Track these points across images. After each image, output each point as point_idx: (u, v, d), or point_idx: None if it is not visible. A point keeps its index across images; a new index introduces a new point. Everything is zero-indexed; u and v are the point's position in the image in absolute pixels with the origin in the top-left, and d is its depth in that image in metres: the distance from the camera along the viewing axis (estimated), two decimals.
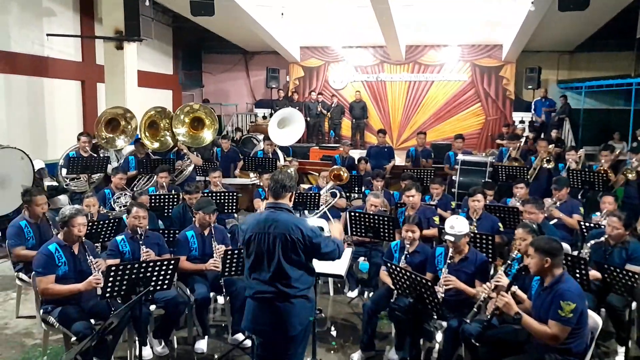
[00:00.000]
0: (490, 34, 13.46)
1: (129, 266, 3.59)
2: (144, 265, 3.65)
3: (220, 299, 5.44)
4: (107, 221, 5.01)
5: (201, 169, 8.48)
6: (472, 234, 4.55)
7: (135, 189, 7.19)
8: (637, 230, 4.88)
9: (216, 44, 15.95)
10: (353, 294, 5.78)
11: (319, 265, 3.55)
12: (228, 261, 4.36)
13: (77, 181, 7.27)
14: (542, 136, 12.12)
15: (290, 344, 3.12)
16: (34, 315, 5.05)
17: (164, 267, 3.77)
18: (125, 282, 3.61)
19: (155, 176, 7.02)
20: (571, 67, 14.30)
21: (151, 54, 14.18)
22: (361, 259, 5.99)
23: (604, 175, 6.63)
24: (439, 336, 4.10)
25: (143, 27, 10.23)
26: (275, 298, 3.04)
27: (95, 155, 7.53)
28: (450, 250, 4.20)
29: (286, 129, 9.73)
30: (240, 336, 4.56)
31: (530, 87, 13.52)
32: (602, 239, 4.54)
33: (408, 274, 3.71)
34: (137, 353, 4.20)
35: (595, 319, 3.40)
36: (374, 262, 5.50)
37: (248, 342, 4.51)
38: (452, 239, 4.11)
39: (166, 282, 3.86)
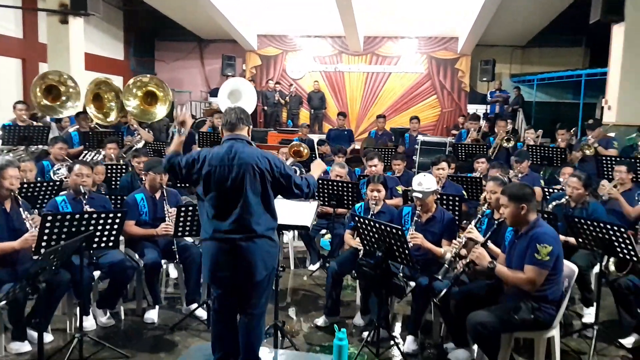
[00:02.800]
0: (446, 26, 13.60)
1: (68, 217, 3.19)
2: (85, 216, 3.26)
3: (173, 272, 5.10)
4: (45, 183, 4.53)
5: (151, 147, 8.00)
6: (438, 195, 4.41)
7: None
8: (597, 191, 4.88)
9: (170, 31, 15.46)
10: (314, 267, 5.54)
11: (284, 216, 3.30)
12: (182, 220, 4.01)
13: (14, 152, 6.65)
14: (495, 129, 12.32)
15: (254, 292, 2.82)
16: None
17: (109, 221, 3.40)
18: (63, 236, 3.21)
19: (103, 150, 6.54)
20: (523, 61, 14.66)
21: (100, 36, 13.53)
22: (323, 232, 5.78)
23: (562, 151, 6.69)
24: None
25: (90, 2, 9.67)
26: (239, 238, 2.74)
27: (35, 124, 6.95)
28: (418, 209, 4.03)
29: (239, 103, 9.36)
30: (194, 306, 4.22)
31: (485, 79, 13.71)
32: (563, 200, 4.50)
33: (377, 225, 3.50)
34: (78, 324, 3.79)
35: (570, 267, 3.29)
36: (337, 234, 5.29)
37: (203, 313, 4.19)
38: (419, 195, 3.94)
39: (111, 239, 3.50)
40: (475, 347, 3.60)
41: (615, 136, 7.38)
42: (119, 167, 5.87)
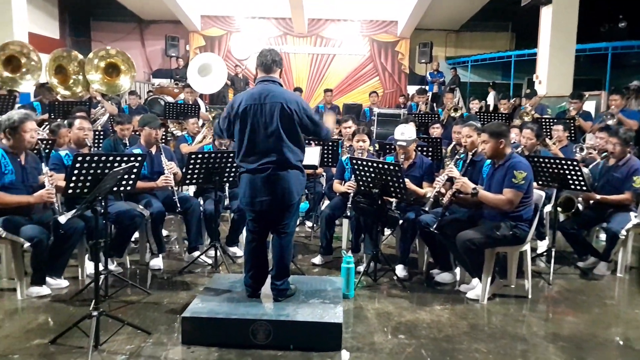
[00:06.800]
0: (387, 10, 14.28)
1: (95, 158, 3.35)
2: (110, 158, 3.43)
3: (164, 232, 5.28)
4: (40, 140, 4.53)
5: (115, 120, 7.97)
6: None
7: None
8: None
9: (106, 10, 15.07)
10: None
11: None
12: (191, 167, 4.22)
13: None
14: (435, 107, 13.21)
15: (286, 213, 3.19)
16: None
17: (130, 163, 3.59)
18: (90, 177, 3.35)
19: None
20: (457, 45, 15.69)
21: (35, 13, 12.91)
22: None
23: (507, 116, 7.48)
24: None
25: None
26: (275, 167, 3.09)
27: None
28: (400, 156, 4.51)
29: (208, 76, 9.46)
30: (197, 253, 4.48)
31: (423, 61, 14.56)
32: (519, 149, 5.10)
33: (375, 164, 3.94)
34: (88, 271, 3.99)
35: (539, 193, 3.91)
36: (317, 192, 5.68)
37: (206, 259, 4.46)
38: (403, 144, 4.41)
39: (130, 182, 3.69)
40: (457, 270, 4.17)
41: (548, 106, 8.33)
42: (97, 133, 5.90)
